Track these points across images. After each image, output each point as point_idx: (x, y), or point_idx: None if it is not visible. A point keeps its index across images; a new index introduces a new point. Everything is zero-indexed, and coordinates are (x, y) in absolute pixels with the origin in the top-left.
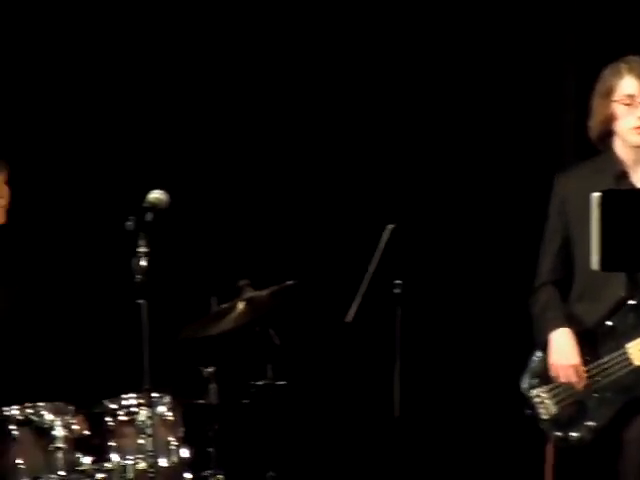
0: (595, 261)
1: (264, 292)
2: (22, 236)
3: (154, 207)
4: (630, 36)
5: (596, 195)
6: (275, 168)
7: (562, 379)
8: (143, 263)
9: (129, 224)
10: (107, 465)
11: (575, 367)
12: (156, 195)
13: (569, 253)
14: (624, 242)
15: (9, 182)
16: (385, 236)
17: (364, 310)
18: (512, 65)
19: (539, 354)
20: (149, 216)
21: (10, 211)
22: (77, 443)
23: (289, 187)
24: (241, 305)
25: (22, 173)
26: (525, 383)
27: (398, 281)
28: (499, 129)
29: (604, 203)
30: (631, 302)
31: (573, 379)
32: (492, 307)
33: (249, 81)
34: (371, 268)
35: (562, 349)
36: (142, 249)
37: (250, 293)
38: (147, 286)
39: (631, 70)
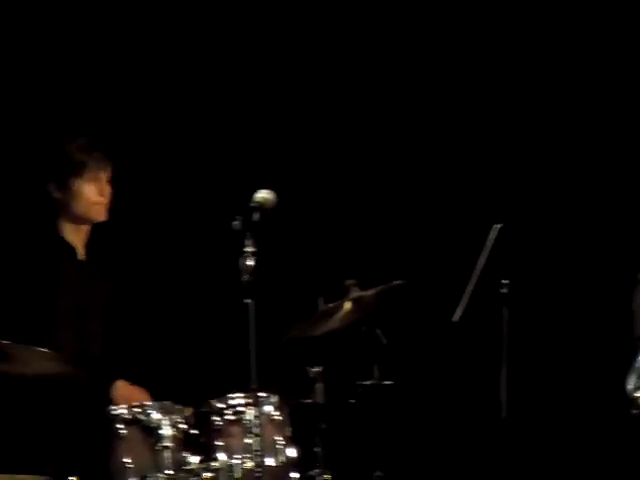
0: None
1: (371, 292)
2: (129, 235)
3: (261, 207)
4: None
5: None
6: (382, 168)
7: None
8: (250, 263)
9: (236, 224)
10: (214, 464)
11: None
12: (263, 195)
13: None
14: None
15: (114, 181)
16: (492, 235)
17: (471, 310)
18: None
19: None
20: (256, 216)
21: (117, 210)
22: (184, 442)
23: (397, 187)
24: (348, 305)
25: (132, 172)
26: (630, 384)
27: (505, 281)
28: (604, 127)
29: None
30: None
31: None
32: (600, 307)
33: (354, 82)
34: (478, 268)
35: None
36: (249, 249)
37: (357, 293)
38: (254, 286)
39: None
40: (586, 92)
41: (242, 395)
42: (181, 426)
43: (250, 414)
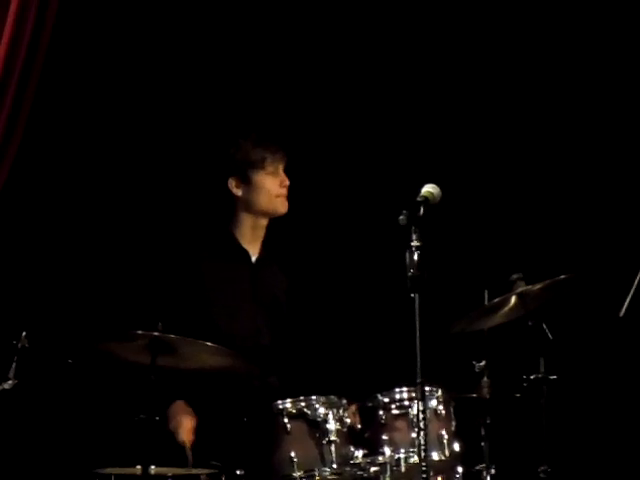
0: None
1: (537, 286)
2: (298, 231)
3: (427, 201)
4: None
5: None
6: (547, 161)
7: None
8: (416, 257)
9: (402, 218)
10: (379, 459)
11: None
12: (429, 189)
13: None
14: None
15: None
16: None
17: (637, 304)
18: None
19: None
20: (422, 210)
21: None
22: (350, 436)
23: (564, 180)
24: (513, 299)
25: (301, 167)
26: None
27: None
28: None
29: None
30: None
31: None
32: None
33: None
34: None
35: None
36: (415, 243)
37: (522, 287)
38: (420, 280)
39: None
40: None
41: (408, 389)
42: (345, 420)
43: (415, 408)
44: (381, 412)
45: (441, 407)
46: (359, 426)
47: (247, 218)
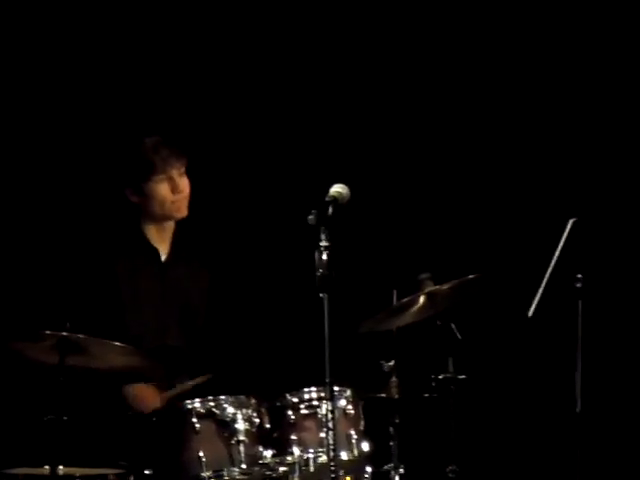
0: None
1: (445, 286)
2: (205, 229)
3: (336, 201)
4: None
5: None
6: (456, 162)
7: None
8: (324, 257)
9: (311, 218)
10: (288, 458)
11: None
12: (337, 189)
13: None
14: None
15: (193, 174)
16: (567, 229)
17: (545, 304)
18: None
19: None
20: (331, 210)
21: (195, 205)
22: (258, 436)
23: (471, 180)
24: (422, 299)
25: (208, 167)
26: None
27: (580, 275)
28: None
29: None
30: None
31: None
32: None
33: (427, 77)
34: (553, 262)
35: None
36: (324, 243)
37: (431, 287)
38: (329, 280)
39: None
40: None
41: (316, 389)
42: (255, 420)
43: (324, 408)
44: (290, 412)
45: (350, 407)
46: (268, 426)
47: (150, 221)
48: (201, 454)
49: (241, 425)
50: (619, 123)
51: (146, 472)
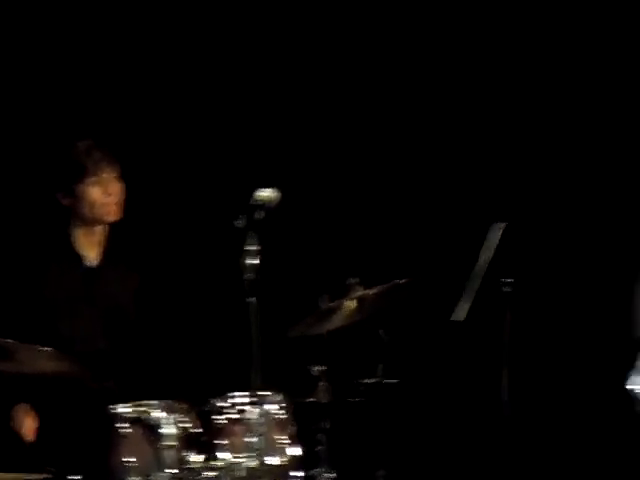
0: None
1: (374, 290)
2: (135, 233)
3: (264, 205)
4: None
5: None
6: (385, 166)
7: None
8: (253, 261)
9: (239, 222)
10: (217, 463)
11: None
12: (266, 193)
13: None
14: None
15: (123, 178)
16: (493, 234)
17: (474, 309)
18: None
19: None
20: (259, 214)
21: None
22: (187, 441)
23: (400, 185)
24: (351, 303)
25: (135, 170)
26: (634, 383)
27: (508, 280)
28: (606, 126)
29: None
30: None
31: None
32: (603, 306)
33: (355, 80)
34: (478, 267)
35: None
36: (252, 247)
37: (360, 291)
38: (257, 284)
39: None
40: (585, 91)
41: (245, 394)
42: (183, 425)
43: (253, 413)
44: (219, 417)
45: (279, 411)
46: (197, 430)
47: (79, 225)
48: (129, 459)
49: (169, 430)
50: (545, 128)
51: (74, 478)
